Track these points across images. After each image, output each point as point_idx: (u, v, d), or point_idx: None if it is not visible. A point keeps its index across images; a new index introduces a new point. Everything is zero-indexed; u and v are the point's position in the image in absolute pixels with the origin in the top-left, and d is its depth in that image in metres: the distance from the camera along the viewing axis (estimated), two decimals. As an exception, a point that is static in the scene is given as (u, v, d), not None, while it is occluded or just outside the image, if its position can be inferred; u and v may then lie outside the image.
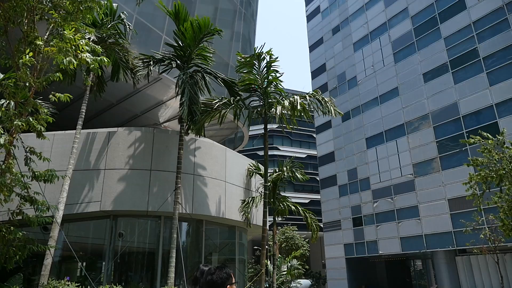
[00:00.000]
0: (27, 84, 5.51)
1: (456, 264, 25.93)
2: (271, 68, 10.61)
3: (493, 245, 17.98)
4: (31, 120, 5.40)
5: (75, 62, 5.23)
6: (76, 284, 6.01)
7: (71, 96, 5.84)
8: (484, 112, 25.00)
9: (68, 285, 5.88)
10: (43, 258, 7.07)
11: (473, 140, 11.86)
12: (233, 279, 2.67)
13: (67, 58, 5.14)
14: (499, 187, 11.06)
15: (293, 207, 12.96)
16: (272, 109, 10.33)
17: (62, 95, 5.56)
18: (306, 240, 32.20)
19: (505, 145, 11.11)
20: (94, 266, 11.06)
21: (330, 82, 40.03)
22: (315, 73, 42.70)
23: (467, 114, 25.96)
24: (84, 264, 10.70)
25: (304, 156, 52.81)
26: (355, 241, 32.92)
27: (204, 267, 3.05)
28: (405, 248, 28.68)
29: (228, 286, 2.62)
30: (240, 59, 10.86)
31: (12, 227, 6.00)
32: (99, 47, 6.14)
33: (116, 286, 6.36)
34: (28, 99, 5.64)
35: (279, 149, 52.14)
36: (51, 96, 5.55)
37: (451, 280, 25.63)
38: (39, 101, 5.89)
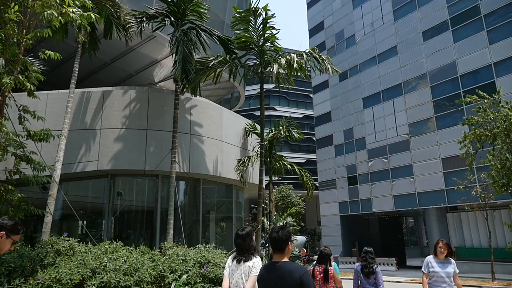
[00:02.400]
0: (15, 41, 5.35)
1: (447, 220, 26.75)
2: (267, 25, 10.32)
3: (484, 202, 18.50)
4: (20, 78, 5.29)
5: (55, 13, 4.98)
6: (76, 240, 6.17)
7: (61, 57, 5.69)
8: (482, 72, 24.79)
9: (68, 240, 6.03)
10: (44, 217, 7.20)
11: (469, 99, 11.84)
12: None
13: (49, 11, 4.90)
14: (492, 146, 11.18)
15: (289, 166, 13.12)
16: (269, 68, 10.16)
17: (52, 53, 5.42)
18: (302, 198, 32.90)
19: (500, 104, 11.11)
20: (94, 224, 11.34)
21: (328, 40, 39.20)
22: (312, 31, 41.71)
23: (465, 73, 25.74)
24: (85, 222, 10.95)
25: (300, 116, 52.78)
26: (350, 199, 33.70)
27: (240, 231, 4.12)
28: (398, 205, 29.45)
29: (289, 242, 3.26)
30: (236, 14, 10.54)
31: (10, 187, 6.06)
32: (90, 1, 5.91)
33: (117, 242, 6.55)
34: (17, 57, 5.50)
35: (276, 109, 51.98)
36: (40, 53, 5.41)
37: (441, 236, 26.53)
38: (30, 58, 5.74)
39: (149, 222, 11.21)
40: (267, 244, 12.28)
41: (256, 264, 3.93)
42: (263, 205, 10.42)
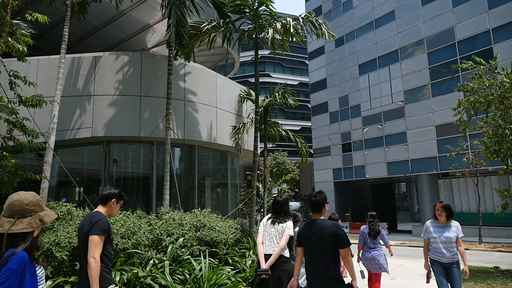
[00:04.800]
0: (1, 1, 5.16)
1: (438, 186, 27.30)
2: (263, -12, 10.01)
3: (475, 168, 18.84)
4: (10, 40, 5.16)
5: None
6: (74, 205, 6.26)
7: (49, 20, 5.52)
8: (480, 38, 24.51)
9: (65, 205, 6.11)
10: (40, 182, 7.25)
11: (465, 65, 11.75)
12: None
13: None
14: (486, 113, 11.23)
15: (283, 133, 13.14)
16: (263, 33, 9.96)
17: (40, 15, 5.25)
18: (296, 165, 33.25)
19: (496, 70, 11.06)
20: (91, 190, 11.44)
21: (324, 4, 38.29)
22: (309, -5, 40.64)
23: (463, 39, 25.45)
24: (82, 189, 11.05)
25: (296, 83, 52.35)
26: (344, 166, 34.12)
27: (278, 198, 4.90)
28: (391, 172, 29.90)
29: (326, 204, 4.04)
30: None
31: (5, 153, 6.05)
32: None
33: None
34: (4, 19, 5.33)
35: (271, 76, 51.45)
36: (27, 15, 5.24)
37: (432, 202, 27.16)
38: (17, 21, 5.57)
39: (145, 189, 11.33)
40: (261, 210, 12.53)
41: (289, 225, 4.70)
42: (258, 171, 10.53)
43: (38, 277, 2.19)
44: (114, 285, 3.30)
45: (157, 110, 10.27)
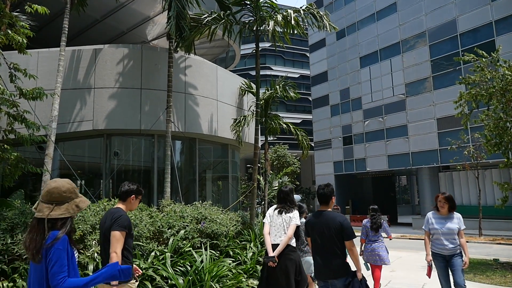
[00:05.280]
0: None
1: (439, 179, 27.32)
2: (263, -21, 9.94)
3: (476, 161, 18.83)
4: (10, 33, 5.14)
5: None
6: (76, 198, 6.27)
7: (48, 11, 5.49)
8: (482, 30, 24.35)
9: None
10: (42, 175, 7.27)
11: (467, 58, 11.69)
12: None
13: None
14: (487, 106, 11.20)
15: (284, 126, 13.13)
16: (264, 25, 9.90)
17: (39, 7, 5.23)
18: (297, 158, 33.27)
19: (498, 63, 11.00)
20: (92, 183, 11.48)
21: (325, -4, 38.02)
22: (310, -13, 40.31)
23: (465, 31, 25.28)
24: (83, 182, 11.08)
25: (297, 76, 52.15)
26: (344, 159, 34.13)
27: (284, 188, 5.03)
28: (391, 165, 29.91)
29: (332, 196, 4.19)
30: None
31: (6, 146, 6.06)
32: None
33: (114, 199, 6.67)
34: (4, 11, 5.31)
35: (272, 69, 51.26)
36: (27, 7, 5.22)
37: (432, 194, 27.20)
38: (17, 13, 5.55)
39: (146, 182, 11.35)
40: (262, 202, 12.58)
41: (295, 215, 4.80)
42: (258, 164, 10.54)
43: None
44: (135, 280, 3.46)
45: (158, 103, 10.26)
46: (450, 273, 5.21)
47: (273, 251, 4.59)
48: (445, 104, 25.04)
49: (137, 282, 3.66)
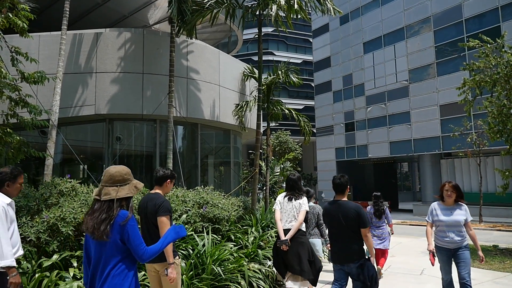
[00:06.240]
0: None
1: (440, 166, 27.33)
2: (266, -38, 9.76)
3: (478, 148, 18.80)
4: (11, 16, 5.09)
5: None
6: (78, 182, 6.32)
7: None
8: (488, 15, 24.00)
9: (70, 181, 6.17)
10: (45, 160, 7.31)
11: (472, 43, 11.56)
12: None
13: None
14: (491, 93, 11.12)
15: (286, 111, 13.09)
16: (267, 9, 9.77)
17: (41, -11, 5.17)
18: (299, 144, 33.28)
19: (503, 49, 10.88)
20: (95, 167, 11.54)
21: (329, -20, 37.37)
22: (314, -29, 39.61)
23: (470, 17, 24.92)
24: (86, 166, 11.14)
25: (299, 61, 51.74)
26: (346, 145, 34.12)
27: (292, 176, 5.31)
28: (393, 151, 29.90)
29: (348, 186, 4.40)
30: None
31: (9, 129, 6.08)
32: None
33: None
34: (4, -6, 5.26)
35: (274, 54, 50.85)
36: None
37: (434, 181, 27.27)
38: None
39: (149, 166, 11.41)
40: (264, 188, 12.63)
41: (304, 201, 5.11)
42: (260, 150, 10.55)
43: None
44: (178, 256, 3.90)
45: (160, 88, 10.23)
46: (453, 266, 4.90)
47: (285, 236, 4.89)
48: (448, 91, 24.87)
49: (180, 258, 4.06)
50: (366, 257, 4.28)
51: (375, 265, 4.50)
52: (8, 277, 3.06)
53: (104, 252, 2.48)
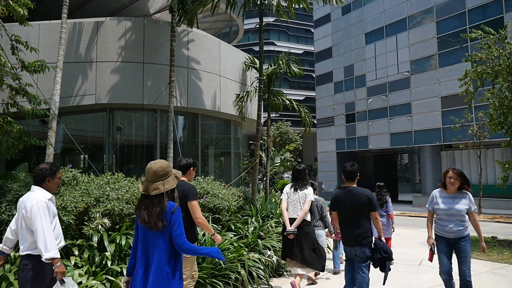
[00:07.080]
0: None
1: (441, 158, 27.34)
2: (268, -49, 9.66)
3: (478, 140, 18.78)
4: (11, 3, 5.05)
5: None
6: (79, 171, 6.34)
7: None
8: (491, 6, 23.79)
9: (71, 171, 6.19)
10: (45, 149, 7.31)
11: (474, 34, 11.47)
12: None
13: None
14: (492, 84, 11.07)
15: (287, 102, 13.06)
16: (268, -1, 9.70)
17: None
18: (300, 135, 33.28)
19: (506, 40, 10.80)
20: (95, 157, 11.56)
21: (332, -30, 36.97)
22: (316, -41, 39.18)
23: (473, 7, 24.70)
24: (86, 156, 11.15)
25: (301, 52, 51.46)
26: (347, 136, 34.11)
27: (298, 167, 5.63)
28: (394, 143, 29.89)
29: (358, 173, 4.70)
30: None
31: (9, 118, 6.07)
32: None
33: (118, 173, 6.73)
34: (4, -19, 5.20)
35: (276, 44, 50.54)
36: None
37: (434, 173, 27.32)
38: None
39: (149, 156, 11.41)
40: (264, 178, 12.68)
41: (310, 191, 5.40)
42: (261, 141, 10.56)
43: None
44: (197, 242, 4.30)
45: (160, 78, 10.19)
46: (453, 258, 4.73)
47: (291, 225, 5.18)
48: (450, 82, 24.77)
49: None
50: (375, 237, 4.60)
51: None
52: (53, 267, 3.26)
53: (157, 242, 2.72)
